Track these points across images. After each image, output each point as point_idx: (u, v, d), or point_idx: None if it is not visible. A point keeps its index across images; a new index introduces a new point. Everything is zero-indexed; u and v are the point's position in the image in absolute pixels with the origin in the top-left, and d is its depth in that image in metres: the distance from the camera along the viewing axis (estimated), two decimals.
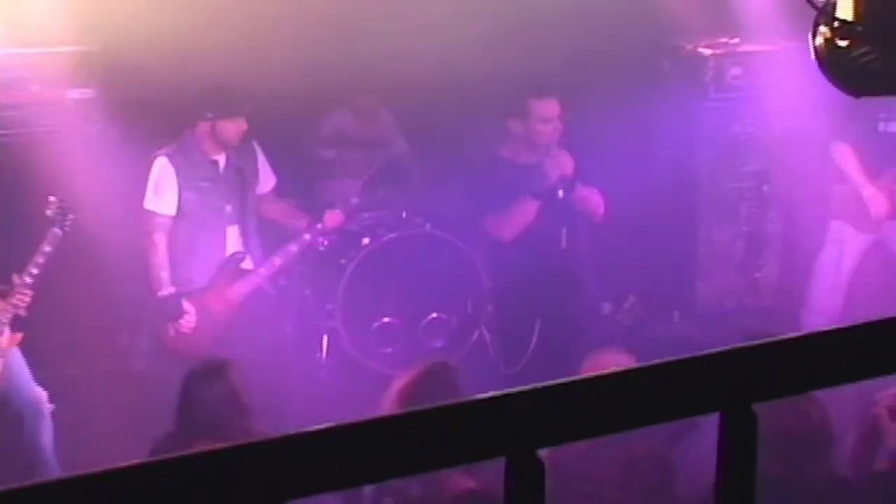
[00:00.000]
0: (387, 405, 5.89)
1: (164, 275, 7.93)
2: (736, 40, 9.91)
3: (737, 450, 1.40)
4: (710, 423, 1.48)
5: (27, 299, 7.36)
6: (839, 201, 9.04)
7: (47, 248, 7.41)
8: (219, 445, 1.29)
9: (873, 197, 8.84)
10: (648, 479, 5.89)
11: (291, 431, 1.29)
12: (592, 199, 8.22)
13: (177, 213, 7.98)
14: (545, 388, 1.31)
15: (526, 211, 7.92)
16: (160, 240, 7.94)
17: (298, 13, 8.71)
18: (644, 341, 8.76)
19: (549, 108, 7.95)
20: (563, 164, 7.95)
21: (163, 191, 7.96)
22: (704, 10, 9.49)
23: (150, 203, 7.97)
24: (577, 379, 1.36)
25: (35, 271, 7.37)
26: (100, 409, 7.93)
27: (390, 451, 1.29)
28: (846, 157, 8.92)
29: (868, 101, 6.29)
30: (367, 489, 5.46)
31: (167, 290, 7.94)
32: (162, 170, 7.97)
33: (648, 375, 1.36)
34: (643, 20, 9.47)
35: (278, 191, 8.52)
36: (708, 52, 9.82)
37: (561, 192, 7.97)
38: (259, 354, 7.96)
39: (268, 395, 7.48)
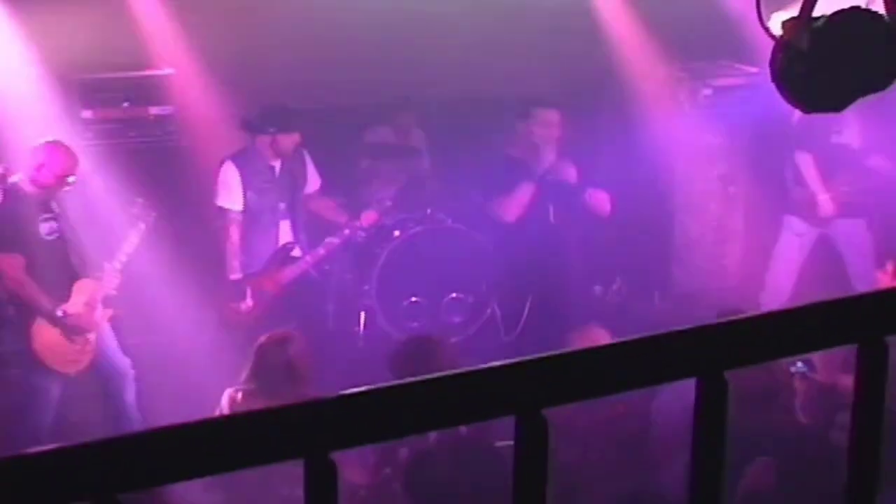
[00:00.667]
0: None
1: (236, 262, 7.95)
2: (705, 65, 9.92)
3: (711, 410, 1.39)
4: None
5: (116, 282, 7.41)
6: (797, 200, 9.05)
7: (133, 240, 7.46)
8: (272, 405, 1.28)
9: (825, 199, 8.87)
10: (624, 431, 5.95)
11: (333, 393, 1.28)
12: (601, 201, 8.24)
13: (242, 209, 7.98)
14: (550, 356, 1.31)
15: (523, 193, 7.93)
16: (233, 232, 7.96)
17: (348, 46, 8.68)
18: (629, 317, 8.75)
19: (550, 115, 7.97)
20: (549, 157, 7.98)
21: (231, 190, 7.97)
22: (680, 40, 9.48)
23: (221, 200, 7.99)
24: (577, 350, 1.35)
25: (123, 259, 7.43)
26: (174, 373, 7.96)
27: (419, 410, 1.28)
28: (808, 164, 8.93)
29: (823, 117, 6.27)
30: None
31: (237, 274, 7.96)
32: (229, 172, 7.98)
33: (636, 346, 1.35)
34: (630, 50, 9.50)
35: (323, 191, 8.51)
36: (683, 75, 9.81)
37: (548, 177, 8.02)
38: (307, 327, 7.97)
39: (314, 362, 7.48)
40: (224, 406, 5.90)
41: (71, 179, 7.26)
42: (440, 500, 5.14)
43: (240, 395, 5.91)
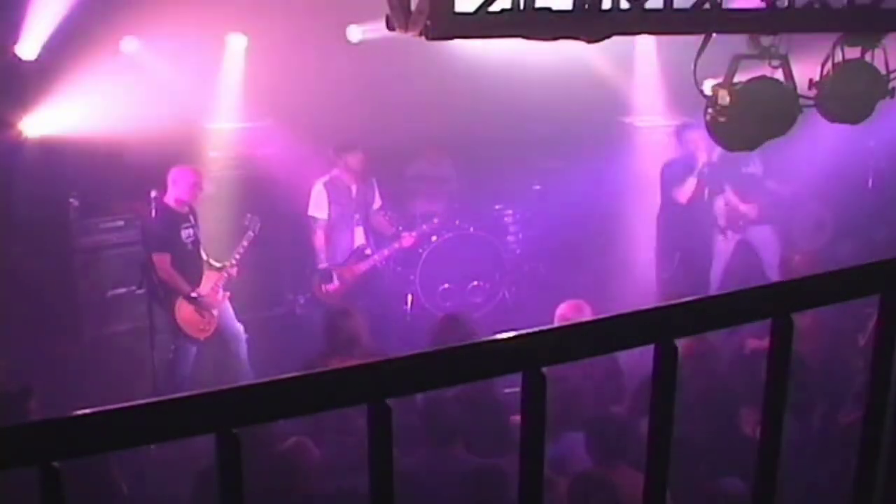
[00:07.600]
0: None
1: (323, 255, 7.97)
2: (653, 116, 9.79)
3: (664, 367, 1.35)
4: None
5: (233, 272, 7.44)
6: (725, 215, 8.96)
7: (245, 243, 7.51)
8: (344, 361, 1.25)
9: (744, 210, 8.77)
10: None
11: (389, 354, 1.25)
12: None
13: (328, 218, 7.98)
14: (547, 329, 1.28)
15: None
16: (319, 234, 7.98)
17: (399, 97, 8.59)
18: (600, 295, 8.67)
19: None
20: None
21: (319, 204, 7.98)
22: (634, 97, 9.39)
23: (312, 211, 8.00)
24: (566, 324, 1.32)
25: (237, 256, 7.47)
26: (274, 338, 7.97)
27: (451, 368, 1.25)
28: (731, 195, 8.84)
29: (737, 154, 6.20)
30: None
31: (324, 264, 7.98)
32: (319, 191, 8.00)
33: (610, 320, 1.32)
34: (597, 104, 9.36)
35: (382, 208, 8.45)
36: (635, 125, 9.71)
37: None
38: (372, 305, 7.98)
39: (376, 331, 7.46)
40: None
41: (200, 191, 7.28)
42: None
43: (316, 360, 5.81)
